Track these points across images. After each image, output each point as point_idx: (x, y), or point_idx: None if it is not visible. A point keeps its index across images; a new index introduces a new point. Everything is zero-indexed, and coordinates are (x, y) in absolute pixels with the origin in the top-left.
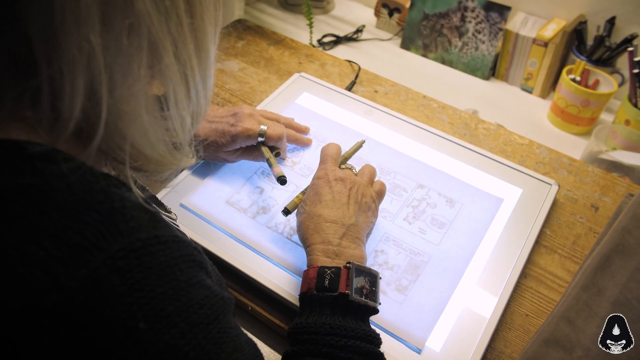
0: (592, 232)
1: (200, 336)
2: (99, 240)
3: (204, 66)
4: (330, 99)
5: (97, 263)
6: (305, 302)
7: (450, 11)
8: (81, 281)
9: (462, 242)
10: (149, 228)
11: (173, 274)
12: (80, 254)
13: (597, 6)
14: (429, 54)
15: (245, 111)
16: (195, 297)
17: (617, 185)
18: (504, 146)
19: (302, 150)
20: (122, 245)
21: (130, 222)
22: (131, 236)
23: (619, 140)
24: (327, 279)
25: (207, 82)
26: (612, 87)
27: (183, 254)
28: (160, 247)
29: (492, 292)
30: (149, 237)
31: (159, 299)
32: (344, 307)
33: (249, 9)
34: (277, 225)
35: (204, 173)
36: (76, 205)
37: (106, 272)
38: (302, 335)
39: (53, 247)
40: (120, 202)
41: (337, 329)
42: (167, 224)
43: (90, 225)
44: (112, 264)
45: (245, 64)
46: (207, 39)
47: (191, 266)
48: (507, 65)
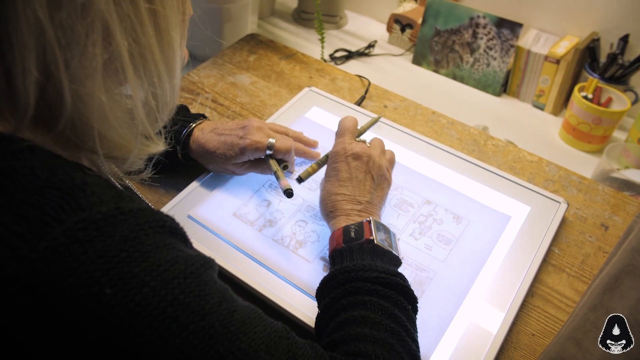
0: (602, 251)
1: (177, 291)
2: (59, 213)
3: (167, 53)
4: (340, 114)
5: (56, 234)
6: (335, 258)
7: (462, 27)
8: (41, 252)
9: (468, 259)
10: (111, 202)
11: (137, 238)
12: (39, 227)
13: (610, 24)
14: (441, 70)
15: (254, 124)
16: (165, 256)
17: (628, 204)
18: (513, 163)
19: (310, 164)
20: (81, 218)
21: (91, 197)
22: (91, 209)
23: (632, 159)
24: (352, 231)
25: (173, 71)
26: (625, 105)
27: (150, 220)
28: (122, 217)
29: (499, 311)
30: (109, 210)
31: (125, 262)
32: (371, 252)
33: (262, 23)
34: (283, 239)
35: (212, 185)
36: (38, 185)
37: (65, 242)
38: (335, 279)
39: (13, 223)
40: (81, 179)
41: (369, 266)
42: (134, 199)
43: (50, 200)
44: (72, 234)
45: (257, 78)
46: (169, 26)
47: (159, 231)
48: (518, 82)
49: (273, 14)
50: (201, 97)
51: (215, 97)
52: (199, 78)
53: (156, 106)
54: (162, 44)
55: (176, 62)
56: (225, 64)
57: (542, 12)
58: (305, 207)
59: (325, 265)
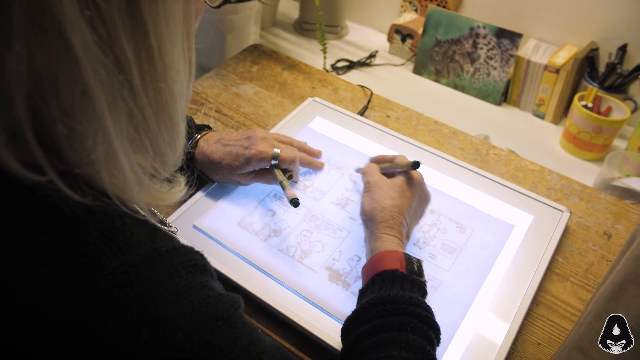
0: (605, 259)
1: (209, 334)
2: (100, 257)
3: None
4: (343, 124)
5: (98, 279)
6: (388, 278)
7: (462, 37)
8: (84, 298)
9: (472, 268)
10: (148, 242)
11: (171, 280)
12: (81, 271)
13: (608, 34)
14: (441, 80)
15: (259, 134)
16: (197, 298)
17: (630, 212)
18: (515, 172)
19: (314, 174)
20: (121, 261)
21: (130, 239)
22: (130, 252)
23: (632, 167)
24: (415, 265)
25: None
26: (625, 113)
27: (183, 261)
28: (158, 258)
29: (504, 320)
30: (147, 251)
31: (160, 306)
32: (422, 291)
33: (265, 34)
34: (288, 248)
35: (217, 195)
36: (77, 224)
37: (107, 286)
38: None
39: (54, 265)
40: (120, 220)
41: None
42: (166, 235)
43: (90, 243)
44: (113, 279)
45: (260, 88)
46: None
47: (191, 271)
48: (518, 91)
49: (275, 25)
50: (205, 108)
51: (219, 108)
52: (203, 88)
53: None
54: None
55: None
56: (229, 75)
57: (541, 23)
58: (310, 217)
59: (331, 275)
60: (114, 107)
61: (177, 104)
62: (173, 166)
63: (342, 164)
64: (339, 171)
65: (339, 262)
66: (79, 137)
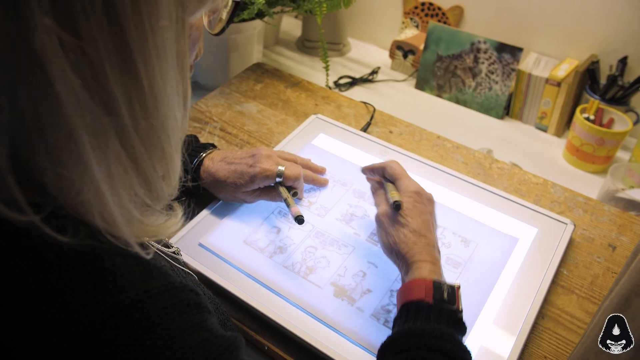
0: (610, 271)
1: None
2: (88, 300)
3: (160, 160)
4: (346, 140)
5: (86, 322)
6: (413, 310)
7: (463, 53)
8: (72, 340)
9: (477, 282)
10: (140, 283)
11: (163, 324)
12: (69, 314)
13: (608, 46)
14: (444, 94)
15: (263, 152)
16: (190, 342)
17: (634, 224)
18: (518, 185)
19: (318, 191)
20: (110, 304)
21: (120, 281)
22: (120, 294)
23: (636, 179)
24: (445, 292)
25: (169, 172)
26: (627, 125)
27: (176, 302)
28: (150, 300)
29: (510, 334)
30: (138, 294)
31: (150, 351)
32: (455, 322)
33: (267, 52)
34: (293, 265)
35: (222, 213)
36: (66, 266)
37: (94, 330)
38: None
39: (44, 309)
40: (110, 260)
41: (449, 335)
42: (160, 272)
43: (79, 285)
44: (102, 322)
45: (264, 106)
46: (165, 134)
47: (185, 311)
48: (520, 104)
49: (277, 43)
50: (209, 126)
51: (224, 126)
52: (207, 107)
53: (150, 202)
54: (154, 154)
55: (174, 160)
56: (233, 93)
57: (541, 36)
58: (314, 233)
59: (336, 291)
60: (100, 149)
61: (171, 139)
62: (168, 198)
63: (346, 180)
64: (343, 187)
65: (344, 277)
66: (66, 181)
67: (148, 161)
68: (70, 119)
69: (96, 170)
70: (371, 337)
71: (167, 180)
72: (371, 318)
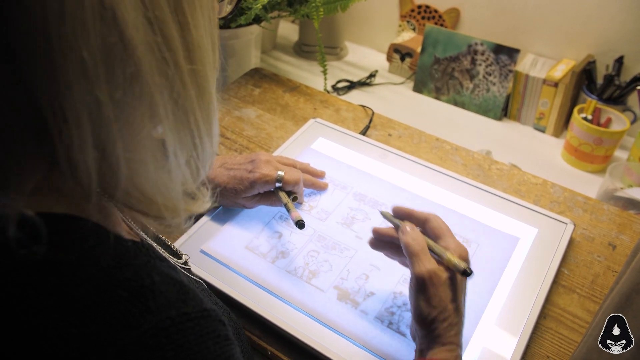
0: (611, 270)
1: None
2: (128, 319)
3: (207, 112)
4: (345, 144)
5: (127, 341)
6: None
7: (461, 55)
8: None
9: (480, 281)
10: (178, 304)
11: (200, 352)
12: (109, 332)
13: (604, 46)
14: (442, 97)
15: (263, 158)
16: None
17: (634, 222)
18: (518, 186)
19: (318, 195)
20: (151, 324)
21: (159, 300)
22: (160, 314)
23: (635, 178)
24: None
25: (212, 129)
26: (625, 124)
27: (210, 331)
28: (189, 324)
29: (512, 333)
30: (178, 315)
31: None
32: None
33: (265, 57)
34: (296, 270)
35: (222, 219)
36: (105, 281)
37: (136, 349)
38: None
39: (83, 325)
40: (149, 279)
41: None
42: (195, 295)
43: (119, 303)
44: (143, 342)
45: (262, 111)
46: (208, 83)
47: (218, 342)
48: (518, 105)
49: (275, 48)
50: None
51: (222, 131)
52: None
53: (197, 165)
54: (202, 103)
55: (215, 119)
56: (231, 99)
57: (538, 37)
58: (316, 237)
59: (339, 294)
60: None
61: (212, 84)
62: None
63: (346, 184)
64: (343, 191)
65: (347, 281)
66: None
67: (197, 108)
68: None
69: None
70: (375, 339)
71: (210, 137)
72: (375, 320)
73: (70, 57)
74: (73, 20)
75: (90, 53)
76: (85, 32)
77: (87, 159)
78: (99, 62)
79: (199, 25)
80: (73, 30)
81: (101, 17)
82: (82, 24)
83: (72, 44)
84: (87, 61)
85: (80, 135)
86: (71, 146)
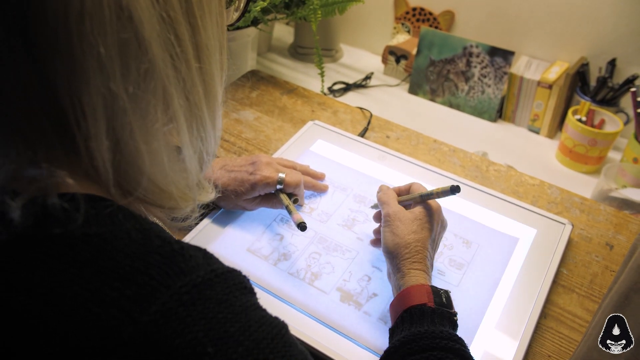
0: (609, 270)
1: (267, 351)
2: (165, 278)
3: (213, 108)
4: (344, 146)
5: (165, 299)
6: (417, 314)
7: (456, 57)
8: (152, 315)
9: (481, 282)
10: (205, 264)
11: (229, 300)
12: (149, 291)
13: (597, 49)
14: (437, 99)
15: (263, 160)
16: (253, 317)
17: (630, 223)
18: (515, 187)
19: (319, 197)
20: (184, 282)
21: (190, 261)
22: (192, 273)
23: (628, 178)
24: (443, 297)
25: (216, 123)
26: (618, 126)
27: (236, 282)
28: (217, 279)
29: (513, 333)
30: (206, 272)
31: (221, 323)
32: (453, 324)
33: (261, 59)
34: (298, 272)
35: (224, 222)
36: (139, 249)
37: (173, 306)
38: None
39: (124, 288)
40: (178, 244)
41: (455, 336)
42: (217, 259)
43: (155, 266)
44: (179, 298)
45: (260, 113)
46: (214, 82)
47: (243, 292)
48: (513, 107)
49: (270, 50)
50: None
51: (221, 134)
52: None
53: (203, 157)
54: (209, 99)
55: (219, 115)
56: (229, 101)
57: (532, 40)
58: (318, 239)
59: (342, 296)
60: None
61: (217, 82)
62: (213, 153)
63: (346, 186)
64: (343, 193)
65: (350, 282)
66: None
67: (204, 103)
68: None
69: (177, 103)
70: (379, 340)
71: (214, 131)
72: (379, 322)
73: (89, 53)
74: (92, 19)
75: (107, 49)
76: (103, 30)
77: (101, 149)
78: (115, 58)
79: (207, 28)
80: (92, 28)
81: (118, 16)
82: (100, 22)
83: (90, 41)
84: (103, 57)
85: (97, 126)
86: (89, 137)
